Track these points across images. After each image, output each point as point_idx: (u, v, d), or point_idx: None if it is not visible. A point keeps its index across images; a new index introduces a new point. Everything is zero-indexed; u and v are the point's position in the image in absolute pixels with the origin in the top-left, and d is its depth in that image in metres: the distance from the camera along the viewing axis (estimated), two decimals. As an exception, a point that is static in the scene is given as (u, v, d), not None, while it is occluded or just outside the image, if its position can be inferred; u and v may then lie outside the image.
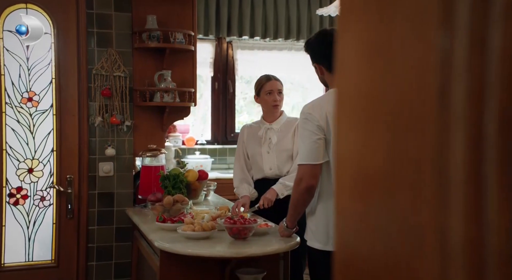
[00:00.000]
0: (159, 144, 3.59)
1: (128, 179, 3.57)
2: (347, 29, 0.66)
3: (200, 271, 2.72)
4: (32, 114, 3.39)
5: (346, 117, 0.66)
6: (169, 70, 3.54)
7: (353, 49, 0.65)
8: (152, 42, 3.45)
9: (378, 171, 0.61)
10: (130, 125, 3.52)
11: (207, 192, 3.86)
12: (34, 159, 3.40)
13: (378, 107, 0.60)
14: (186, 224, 2.75)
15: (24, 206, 3.38)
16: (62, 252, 3.44)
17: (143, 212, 3.40)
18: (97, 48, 3.42)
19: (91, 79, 3.42)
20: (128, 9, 3.47)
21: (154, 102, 3.52)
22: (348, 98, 0.66)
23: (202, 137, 5.89)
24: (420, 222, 0.53)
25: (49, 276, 3.41)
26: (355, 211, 0.65)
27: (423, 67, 0.52)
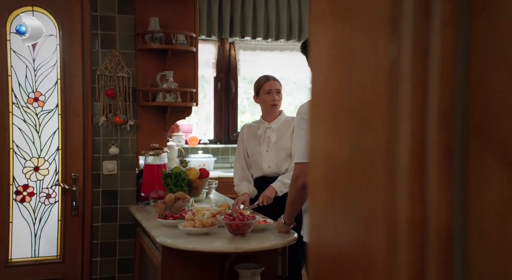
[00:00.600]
0: (161, 143, 3.69)
1: (131, 177, 3.66)
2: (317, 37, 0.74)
3: (200, 266, 2.80)
4: (38, 114, 3.48)
5: (317, 115, 0.75)
6: (171, 71, 3.63)
7: (322, 54, 0.73)
8: (155, 44, 3.54)
9: (343, 162, 0.69)
10: (133, 125, 3.61)
11: (209, 190, 3.94)
12: (40, 157, 3.49)
13: (343, 106, 0.68)
14: (187, 221, 2.84)
15: (30, 203, 3.48)
16: (67, 248, 3.53)
17: (146, 209, 3.49)
18: (101, 50, 3.52)
19: (95, 80, 3.51)
20: (131, 11, 3.56)
21: (157, 102, 3.61)
22: (319, 97, 0.75)
23: (205, 137, 5.98)
24: (374, 206, 0.61)
25: (54, 271, 3.50)
26: (323, 201, 0.74)
27: (376, 72, 0.60)
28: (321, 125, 0.74)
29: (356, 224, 0.65)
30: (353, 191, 0.66)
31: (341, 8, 0.71)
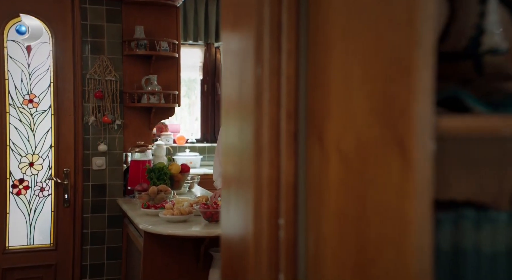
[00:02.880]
0: (146, 141, 4.02)
1: (119, 172, 3.98)
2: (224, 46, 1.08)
3: (178, 249, 3.13)
4: (33, 114, 3.80)
5: (225, 113, 1.08)
6: (155, 75, 3.96)
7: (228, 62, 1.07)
8: (140, 50, 3.87)
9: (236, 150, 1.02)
10: (121, 124, 3.94)
11: (191, 184, 4.27)
12: (35, 154, 3.81)
13: (237, 106, 1.02)
14: (167, 209, 3.17)
15: (25, 196, 3.80)
16: (60, 237, 3.85)
17: (132, 201, 3.81)
18: (90, 55, 3.84)
19: (85, 83, 3.84)
20: (118, 20, 3.89)
21: (142, 104, 3.94)
22: (224, 101, 1.08)
23: (192, 136, 6.32)
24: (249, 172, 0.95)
25: (48, 258, 3.82)
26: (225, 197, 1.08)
27: (251, 84, 0.94)
28: (227, 120, 1.07)
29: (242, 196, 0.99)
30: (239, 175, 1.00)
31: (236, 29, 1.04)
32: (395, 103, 0.66)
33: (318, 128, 0.87)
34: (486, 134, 0.65)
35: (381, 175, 0.70)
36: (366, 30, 0.73)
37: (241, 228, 1.03)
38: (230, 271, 1.11)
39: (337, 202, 0.81)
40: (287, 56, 0.90)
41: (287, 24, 0.89)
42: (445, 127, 0.63)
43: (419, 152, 0.63)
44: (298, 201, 0.91)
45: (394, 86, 0.66)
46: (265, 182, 0.92)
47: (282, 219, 0.91)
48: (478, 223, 0.68)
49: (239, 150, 1.01)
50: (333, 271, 0.82)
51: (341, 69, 0.80)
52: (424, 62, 0.62)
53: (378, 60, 0.70)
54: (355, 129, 0.76)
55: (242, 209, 1.00)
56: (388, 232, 0.68)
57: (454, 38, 0.76)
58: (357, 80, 0.75)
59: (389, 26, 0.67)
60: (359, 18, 0.75)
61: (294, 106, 0.91)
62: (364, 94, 0.73)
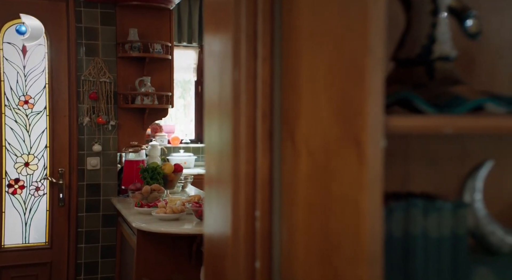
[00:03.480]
0: (140, 141, 4.09)
1: (113, 171, 4.05)
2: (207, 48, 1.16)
3: (171, 247, 3.21)
4: (28, 115, 3.87)
5: (207, 116, 1.16)
6: (148, 77, 4.03)
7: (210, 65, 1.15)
8: (134, 52, 3.95)
9: (216, 149, 1.10)
10: (115, 125, 4.01)
11: (185, 184, 4.35)
12: (30, 154, 3.88)
13: (217, 107, 1.10)
14: (160, 208, 3.25)
15: (21, 195, 3.86)
16: (55, 235, 3.92)
17: (126, 200, 3.88)
18: (85, 57, 3.92)
19: (80, 85, 3.91)
20: (112, 23, 3.96)
21: (136, 105, 4.01)
22: (206, 102, 1.16)
23: (186, 137, 6.40)
24: (228, 168, 1.03)
25: (43, 256, 3.89)
26: (207, 196, 1.16)
27: (229, 87, 1.02)
28: (209, 121, 1.15)
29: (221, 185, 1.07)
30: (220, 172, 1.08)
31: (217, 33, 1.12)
32: (352, 105, 0.74)
33: (291, 128, 0.96)
34: (430, 132, 0.73)
35: (342, 169, 0.78)
36: (328, 40, 0.81)
37: (222, 223, 1.11)
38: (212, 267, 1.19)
39: (306, 194, 0.89)
40: (262, 61, 0.98)
41: (262, 33, 0.97)
42: (393, 126, 0.71)
43: (371, 148, 0.71)
44: (273, 194, 0.99)
45: (351, 90, 0.74)
46: (243, 178, 1.00)
47: (258, 211, 0.99)
48: (426, 211, 0.76)
49: (219, 148, 1.09)
50: (303, 257, 0.90)
51: (309, 74, 0.88)
52: (375, 69, 0.70)
53: (338, 66, 0.78)
54: (321, 128, 0.84)
55: (222, 204, 1.08)
56: (347, 220, 0.77)
57: (409, 46, 0.84)
58: (322, 84, 0.84)
59: (347, 37, 0.75)
60: (323, 29, 0.83)
61: (269, 108, 0.99)
62: (327, 97, 0.82)
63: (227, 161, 1.04)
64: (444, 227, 0.76)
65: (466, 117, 0.72)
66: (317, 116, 0.85)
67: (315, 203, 0.86)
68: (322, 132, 0.84)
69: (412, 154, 1.06)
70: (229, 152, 1.03)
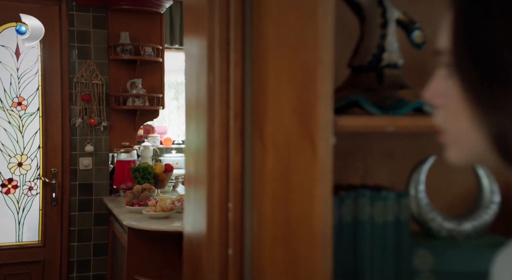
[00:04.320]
0: (131, 142, 4.18)
1: (105, 171, 4.14)
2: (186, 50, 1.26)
3: (161, 244, 3.30)
4: (22, 116, 3.96)
5: (187, 116, 1.26)
6: (140, 79, 4.13)
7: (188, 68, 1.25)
8: (125, 55, 4.04)
9: (193, 149, 1.20)
10: (107, 126, 4.10)
11: (176, 184, 4.44)
12: (23, 154, 3.96)
13: (195, 107, 1.20)
14: (150, 206, 3.34)
15: (14, 195, 3.94)
16: (48, 234, 4.00)
17: (117, 200, 3.97)
18: (77, 60, 4.01)
19: (72, 87, 4.00)
20: (104, 26, 4.05)
21: (127, 106, 4.10)
22: (186, 104, 1.26)
23: (178, 138, 6.50)
24: (203, 165, 1.13)
25: (36, 254, 3.97)
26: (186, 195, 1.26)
27: (204, 89, 1.12)
28: (188, 121, 1.26)
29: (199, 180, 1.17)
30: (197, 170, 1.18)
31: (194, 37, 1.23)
32: (307, 107, 0.85)
33: (260, 127, 1.06)
34: (375, 130, 0.83)
35: (299, 163, 0.88)
36: (289, 49, 0.91)
37: (199, 216, 1.21)
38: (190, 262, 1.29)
39: (272, 186, 1.00)
40: (234, 66, 1.08)
41: (234, 40, 1.08)
42: (341, 126, 0.82)
43: (323, 144, 0.82)
44: (245, 187, 1.10)
45: (306, 93, 0.85)
46: (217, 172, 1.10)
47: (231, 203, 1.09)
48: (372, 200, 0.86)
49: (196, 147, 1.19)
50: (269, 243, 1.01)
51: (274, 79, 0.98)
52: (325, 76, 0.80)
53: (296, 73, 0.89)
54: (283, 127, 0.94)
55: (199, 199, 1.18)
56: (304, 208, 0.87)
57: (362, 55, 0.94)
58: (284, 88, 0.94)
59: (303, 48, 0.86)
60: (285, 39, 0.93)
61: (241, 109, 1.09)
62: (288, 99, 0.92)
63: (203, 158, 1.14)
64: (389, 214, 0.86)
65: (405, 118, 0.83)
66: (280, 116, 0.96)
67: (279, 194, 0.96)
68: (285, 131, 0.94)
69: (372, 151, 1.16)
70: (204, 149, 1.13)
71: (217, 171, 1.10)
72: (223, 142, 1.09)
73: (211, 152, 1.11)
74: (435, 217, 0.93)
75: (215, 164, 1.10)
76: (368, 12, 0.94)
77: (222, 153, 1.09)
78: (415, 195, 0.94)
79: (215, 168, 1.10)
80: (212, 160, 1.10)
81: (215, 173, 1.10)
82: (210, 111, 1.10)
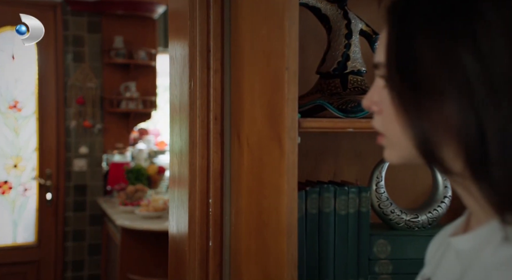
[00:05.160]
0: (125, 143, 4.27)
1: (99, 173, 4.22)
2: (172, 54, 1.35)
3: (153, 244, 3.38)
4: (17, 119, 4.04)
5: (171, 119, 1.36)
6: (133, 82, 4.22)
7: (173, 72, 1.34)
8: (119, 59, 4.13)
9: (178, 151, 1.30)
10: (101, 128, 4.19)
11: (169, 185, 4.53)
12: (19, 156, 4.04)
13: (178, 111, 1.29)
14: (142, 206, 3.43)
15: (10, 196, 4.02)
16: (43, 234, 4.08)
17: (111, 200, 4.05)
18: (72, 63, 4.10)
19: (67, 90, 4.08)
20: (99, 30, 4.15)
21: (121, 109, 4.19)
22: (170, 107, 1.36)
23: (172, 140, 6.59)
24: (186, 164, 1.22)
25: (31, 254, 4.05)
26: (171, 196, 1.35)
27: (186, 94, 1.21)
28: (172, 124, 1.35)
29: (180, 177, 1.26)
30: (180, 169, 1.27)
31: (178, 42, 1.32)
32: (276, 110, 0.94)
33: (237, 128, 1.15)
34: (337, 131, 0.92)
35: (270, 160, 0.97)
36: (261, 57, 1.01)
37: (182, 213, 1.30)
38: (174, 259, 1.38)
39: (247, 182, 1.09)
40: (214, 73, 1.17)
41: (214, 49, 1.17)
42: (306, 127, 0.91)
43: (289, 144, 0.91)
44: (224, 184, 1.19)
45: (275, 97, 0.94)
46: (198, 170, 1.19)
47: (211, 199, 1.18)
48: (335, 194, 0.95)
49: (180, 147, 1.28)
50: (245, 234, 1.10)
51: (249, 85, 1.08)
52: (291, 82, 0.90)
53: (267, 79, 0.98)
54: (256, 128, 1.04)
55: (182, 197, 1.27)
56: (273, 201, 0.96)
57: (329, 62, 1.03)
58: (257, 93, 1.03)
59: (272, 56, 0.95)
60: (258, 48, 1.02)
61: (220, 112, 1.18)
62: (260, 103, 1.01)
63: (186, 157, 1.23)
64: (351, 206, 0.95)
65: (363, 120, 0.92)
66: (254, 118, 1.05)
67: (253, 189, 1.06)
68: (257, 132, 1.03)
69: (343, 151, 1.25)
70: (187, 149, 1.22)
71: (198, 169, 1.19)
72: (204, 142, 1.18)
73: (193, 152, 1.20)
74: (394, 209, 1.03)
75: (196, 163, 1.19)
76: (335, 24, 1.03)
77: (203, 153, 1.18)
78: (376, 190, 1.03)
79: (196, 167, 1.19)
80: (194, 159, 1.19)
81: (197, 171, 1.19)
82: (192, 114, 1.20)
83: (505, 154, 0.57)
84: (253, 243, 1.05)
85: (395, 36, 0.63)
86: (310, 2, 1.02)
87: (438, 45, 0.60)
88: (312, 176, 1.23)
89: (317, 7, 1.03)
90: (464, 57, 0.58)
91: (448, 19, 0.60)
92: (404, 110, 0.62)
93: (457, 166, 0.61)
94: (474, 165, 0.59)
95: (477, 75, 0.58)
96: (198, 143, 1.19)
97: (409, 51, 0.61)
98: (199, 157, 1.19)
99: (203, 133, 1.19)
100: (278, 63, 0.92)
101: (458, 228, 0.69)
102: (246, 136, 1.09)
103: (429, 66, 0.60)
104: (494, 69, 0.58)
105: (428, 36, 0.60)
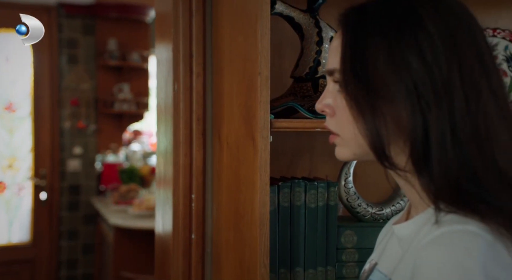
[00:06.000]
0: (119, 144, 4.34)
1: (93, 173, 4.29)
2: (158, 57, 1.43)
3: (146, 242, 3.45)
4: (13, 120, 4.11)
5: (157, 120, 1.43)
6: (127, 83, 4.30)
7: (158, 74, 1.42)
8: (113, 61, 4.21)
9: (164, 147, 1.38)
10: (95, 129, 4.26)
11: (161, 185, 4.61)
12: (14, 156, 4.11)
13: (163, 111, 1.37)
14: (135, 206, 3.50)
15: (5, 196, 4.09)
16: (38, 234, 4.14)
17: (105, 200, 4.12)
18: (67, 66, 4.17)
19: (62, 91, 4.16)
20: (93, 33, 4.22)
21: (114, 110, 4.27)
22: (156, 108, 1.43)
23: (166, 141, 6.67)
24: (170, 162, 1.30)
25: (26, 254, 4.11)
26: (157, 197, 1.43)
27: (171, 96, 1.29)
28: (158, 124, 1.43)
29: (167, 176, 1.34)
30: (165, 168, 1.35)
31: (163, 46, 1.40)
32: (250, 111, 1.02)
33: (218, 128, 1.23)
34: (307, 130, 1.01)
35: (246, 158, 1.05)
36: (238, 62, 1.09)
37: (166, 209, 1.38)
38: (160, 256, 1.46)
39: (227, 178, 1.17)
40: (196, 77, 1.25)
41: (196, 54, 1.25)
42: (277, 126, 0.99)
43: (262, 142, 0.99)
44: (206, 180, 1.27)
45: (250, 100, 1.02)
46: (182, 168, 1.27)
47: (194, 194, 1.26)
48: (306, 188, 1.03)
49: (165, 147, 1.36)
50: (224, 227, 1.18)
51: (228, 87, 1.16)
52: (264, 86, 0.98)
53: (243, 82, 1.06)
54: (234, 128, 1.12)
55: (166, 194, 1.35)
56: (248, 195, 1.04)
57: (302, 67, 1.12)
58: (235, 96, 1.11)
59: (247, 61, 1.03)
60: (235, 53, 1.10)
61: (202, 113, 1.26)
62: (237, 105, 1.09)
63: (170, 156, 1.31)
64: (320, 200, 1.03)
65: (329, 120, 1.00)
66: (232, 119, 1.13)
67: (231, 184, 1.14)
68: (235, 131, 1.11)
69: (317, 150, 1.34)
70: (171, 148, 1.30)
71: (182, 167, 1.27)
72: (187, 142, 1.26)
73: (177, 150, 1.28)
74: (361, 203, 1.11)
75: (180, 161, 1.27)
76: (307, 32, 1.11)
77: (186, 151, 1.26)
78: (345, 185, 1.11)
79: (180, 165, 1.27)
80: (178, 158, 1.27)
81: (181, 168, 1.27)
82: (176, 115, 1.28)
83: (442, 151, 0.65)
84: (232, 235, 1.13)
85: (349, 44, 0.70)
86: (284, 12, 1.10)
87: (389, 52, 0.68)
88: (289, 173, 1.31)
89: (290, 16, 1.11)
90: (412, 64, 0.67)
91: (396, 30, 0.68)
92: (359, 112, 0.69)
93: (401, 161, 0.69)
94: (417, 161, 0.67)
95: (423, 80, 0.66)
96: (182, 142, 1.27)
97: (362, 58, 0.68)
98: (183, 156, 1.27)
99: (187, 133, 1.26)
100: (252, 68, 1.00)
101: (401, 217, 0.77)
102: (225, 136, 1.17)
103: (381, 71, 0.67)
104: (437, 74, 0.66)
105: (379, 45, 0.67)
